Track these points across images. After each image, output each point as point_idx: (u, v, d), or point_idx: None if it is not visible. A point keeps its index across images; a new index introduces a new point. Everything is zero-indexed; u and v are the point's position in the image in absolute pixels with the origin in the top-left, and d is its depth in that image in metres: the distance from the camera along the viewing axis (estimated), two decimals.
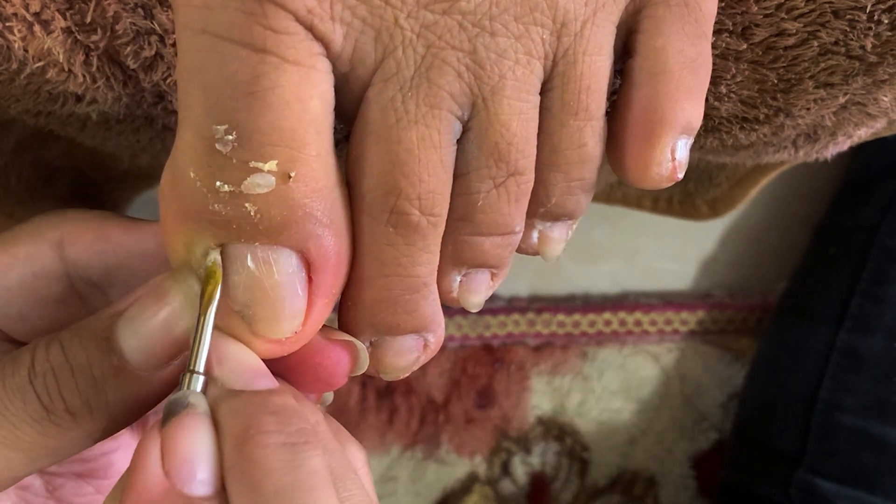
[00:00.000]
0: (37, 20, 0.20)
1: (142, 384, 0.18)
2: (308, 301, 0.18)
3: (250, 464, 0.16)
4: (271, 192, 0.17)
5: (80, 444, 0.19)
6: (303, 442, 0.16)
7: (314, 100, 0.17)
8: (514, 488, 0.65)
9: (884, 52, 0.22)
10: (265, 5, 0.16)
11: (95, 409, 0.18)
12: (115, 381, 0.18)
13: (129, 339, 0.18)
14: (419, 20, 0.17)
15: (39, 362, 0.18)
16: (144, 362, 0.18)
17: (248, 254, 0.17)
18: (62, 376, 0.18)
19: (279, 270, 0.17)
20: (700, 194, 0.49)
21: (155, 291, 0.18)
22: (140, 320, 0.18)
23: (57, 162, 0.34)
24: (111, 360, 0.18)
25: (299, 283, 0.18)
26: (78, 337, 0.18)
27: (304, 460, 0.16)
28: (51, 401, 0.18)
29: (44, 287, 0.20)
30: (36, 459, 0.18)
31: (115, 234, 0.21)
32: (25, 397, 0.18)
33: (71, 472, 0.23)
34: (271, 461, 0.16)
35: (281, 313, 0.17)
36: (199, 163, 0.17)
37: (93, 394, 0.18)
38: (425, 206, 0.18)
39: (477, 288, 0.20)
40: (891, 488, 0.52)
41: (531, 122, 0.19)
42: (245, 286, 0.17)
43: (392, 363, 0.20)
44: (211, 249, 0.17)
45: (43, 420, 0.18)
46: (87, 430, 0.18)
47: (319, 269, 0.18)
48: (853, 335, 0.54)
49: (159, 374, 0.18)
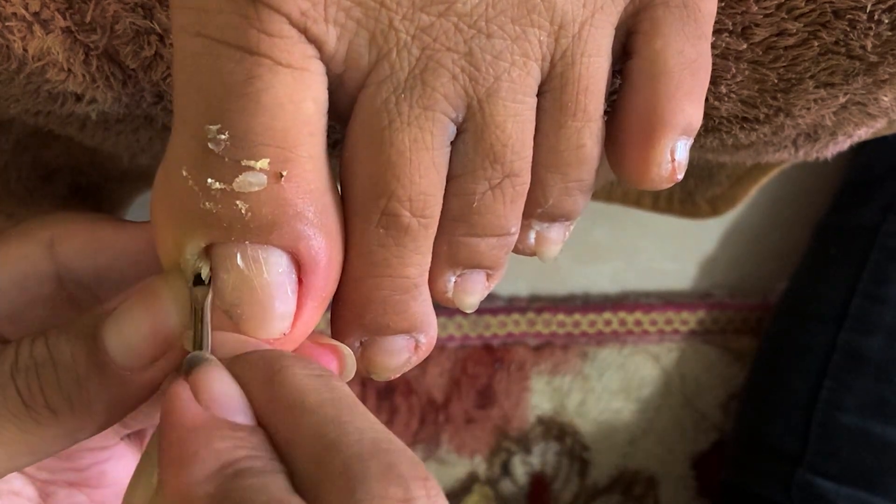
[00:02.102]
0: (36, 20, 0.20)
1: (125, 384, 0.18)
2: (297, 303, 0.18)
3: (286, 389, 0.16)
4: (263, 191, 0.17)
5: (61, 442, 0.18)
6: (328, 375, 0.16)
7: (307, 102, 0.17)
8: (514, 488, 0.65)
9: (884, 52, 0.22)
10: (259, 9, 0.16)
11: (77, 407, 0.18)
12: (99, 379, 0.18)
13: (115, 337, 0.18)
14: (414, 22, 0.17)
15: (23, 357, 0.18)
16: (129, 361, 0.18)
17: (237, 252, 0.17)
18: (44, 372, 0.18)
19: (269, 270, 0.17)
20: (700, 192, 0.49)
21: (144, 291, 0.18)
22: (127, 319, 0.18)
23: (56, 162, 0.34)
24: (95, 359, 0.18)
25: (289, 283, 0.18)
26: (65, 334, 0.18)
27: (336, 386, 0.16)
28: (31, 396, 0.18)
29: (34, 287, 0.20)
30: (15, 456, 0.18)
31: (107, 236, 0.21)
32: (5, 392, 0.18)
33: (64, 481, 0.22)
34: (307, 384, 0.16)
35: (270, 313, 0.17)
36: (192, 161, 0.17)
37: (75, 391, 0.18)
38: (416, 208, 0.18)
39: (472, 288, 0.20)
40: (891, 488, 0.52)
41: (527, 124, 0.19)
42: (234, 285, 0.17)
43: (382, 363, 0.20)
44: (202, 248, 0.17)
45: (22, 415, 0.18)
46: (67, 428, 0.18)
47: (310, 271, 0.18)
48: (854, 335, 0.54)
49: (143, 374, 0.18)
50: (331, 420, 0.15)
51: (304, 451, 0.15)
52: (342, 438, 0.15)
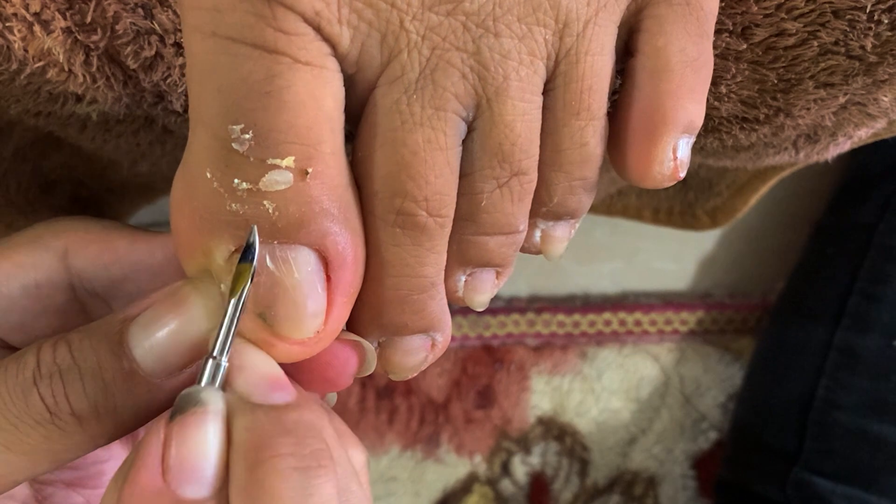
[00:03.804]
0: (37, 20, 0.20)
1: (152, 391, 0.18)
2: (328, 299, 0.18)
3: (261, 490, 0.15)
4: (289, 189, 0.17)
5: (84, 448, 0.18)
6: (316, 466, 0.16)
7: (328, 98, 0.17)
8: (514, 488, 0.65)
9: (884, 52, 0.22)
10: (274, 7, 0.16)
11: (103, 414, 0.18)
12: (125, 386, 0.18)
13: (143, 344, 0.18)
14: (424, 22, 0.17)
15: (45, 363, 0.18)
16: (157, 369, 0.18)
17: (266, 254, 0.17)
18: (69, 379, 0.18)
19: (299, 269, 0.17)
20: (700, 204, 0.49)
21: (172, 298, 0.18)
22: (155, 326, 0.18)
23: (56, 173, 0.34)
24: (122, 365, 0.18)
25: (319, 281, 0.17)
26: (88, 339, 0.18)
27: (316, 488, 0.16)
28: (56, 404, 0.17)
29: (46, 296, 0.20)
30: (38, 463, 0.18)
31: (121, 246, 0.21)
32: (28, 399, 0.17)
33: (61, 481, 0.22)
34: (283, 489, 0.15)
35: (303, 312, 0.17)
36: (216, 163, 0.17)
37: (101, 398, 0.18)
38: (432, 208, 0.18)
39: (482, 287, 0.20)
40: (887, 486, 0.52)
41: (534, 123, 0.19)
42: (266, 287, 0.17)
43: (400, 363, 0.20)
44: (231, 252, 0.17)
45: (47, 423, 0.17)
46: (91, 435, 0.18)
47: (338, 267, 0.18)
48: (851, 334, 0.54)
49: (170, 381, 0.18)
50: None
51: None
52: None
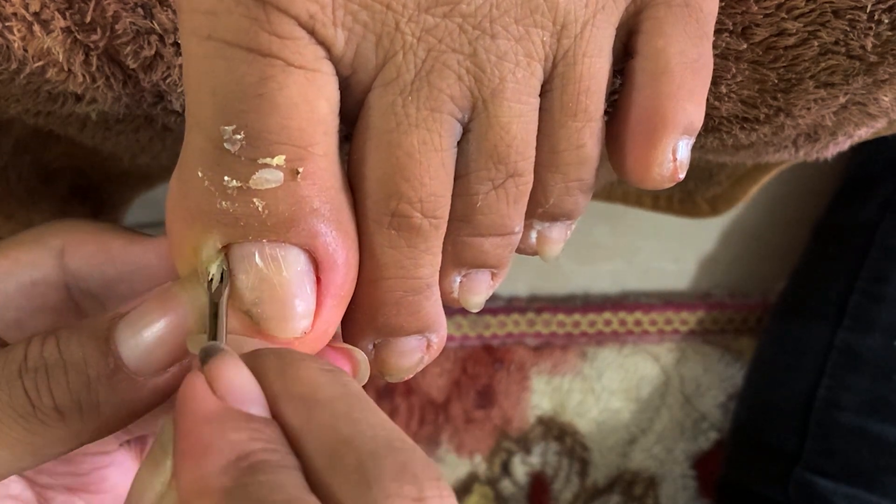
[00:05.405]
0: (36, 20, 0.20)
1: (135, 389, 0.18)
2: (317, 301, 0.18)
3: (299, 382, 0.16)
4: (279, 188, 0.17)
5: (66, 444, 0.18)
6: (340, 371, 0.16)
7: (321, 101, 0.17)
8: (514, 488, 0.65)
9: (884, 52, 0.22)
10: (269, 11, 0.16)
11: (85, 410, 0.18)
12: (109, 383, 0.18)
13: (129, 341, 0.18)
14: (420, 24, 0.17)
15: (32, 357, 0.18)
16: (142, 366, 0.18)
17: (255, 251, 0.17)
18: (54, 373, 0.18)
19: (287, 267, 0.17)
20: (700, 192, 0.49)
21: (161, 296, 0.18)
22: (142, 324, 0.18)
23: (56, 163, 0.34)
24: (107, 362, 0.18)
25: (308, 281, 0.18)
26: (77, 335, 0.18)
27: (347, 381, 0.16)
28: (39, 397, 0.18)
29: (42, 295, 0.20)
30: (20, 458, 0.18)
31: (117, 247, 0.21)
32: (12, 391, 0.17)
33: (62, 486, 0.22)
34: (319, 379, 0.16)
35: (291, 311, 0.17)
36: (208, 162, 0.17)
37: (84, 394, 0.18)
38: (427, 209, 0.18)
39: (477, 288, 0.20)
40: (889, 486, 0.52)
41: (531, 125, 0.19)
42: (253, 284, 0.17)
43: (396, 364, 0.20)
44: (219, 249, 0.17)
45: (29, 416, 0.17)
46: (74, 431, 0.18)
47: (328, 269, 0.18)
48: (852, 333, 0.54)
49: (155, 380, 0.18)
50: (343, 415, 0.15)
51: (315, 445, 0.15)
52: (355, 435, 0.15)
